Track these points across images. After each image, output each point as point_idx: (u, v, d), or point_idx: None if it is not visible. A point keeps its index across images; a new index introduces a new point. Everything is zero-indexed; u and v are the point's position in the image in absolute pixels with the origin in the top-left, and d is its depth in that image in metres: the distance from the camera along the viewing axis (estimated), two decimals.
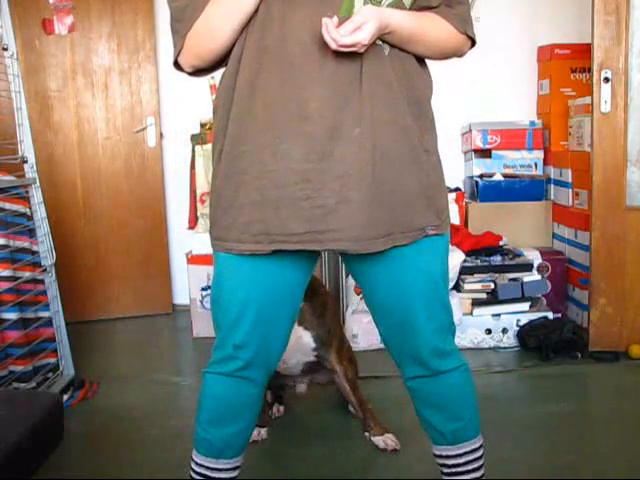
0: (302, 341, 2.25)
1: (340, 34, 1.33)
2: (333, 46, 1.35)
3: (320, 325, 2.26)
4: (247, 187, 1.45)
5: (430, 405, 1.66)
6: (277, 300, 1.55)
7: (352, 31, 1.34)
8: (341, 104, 1.40)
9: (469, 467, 1.67)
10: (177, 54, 1.51)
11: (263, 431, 2.41)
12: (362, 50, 1.37)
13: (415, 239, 1.50)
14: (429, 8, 1.51)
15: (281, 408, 2.64)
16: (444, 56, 1.58)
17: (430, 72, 1.58)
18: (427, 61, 1.58)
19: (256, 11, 1.41)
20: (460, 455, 1.67)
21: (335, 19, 1.35)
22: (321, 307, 2.29)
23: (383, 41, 1.44)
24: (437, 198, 1.54)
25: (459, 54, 1.60)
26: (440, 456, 1.70)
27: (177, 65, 1.55)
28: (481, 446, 1.69)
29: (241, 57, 1.45)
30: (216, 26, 1.44)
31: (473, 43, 1.59)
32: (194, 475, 1.68)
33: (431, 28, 1.49)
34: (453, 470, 1.68)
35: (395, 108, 1.45)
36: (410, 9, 1.47)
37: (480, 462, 1.69)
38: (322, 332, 2.27)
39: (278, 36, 1.41)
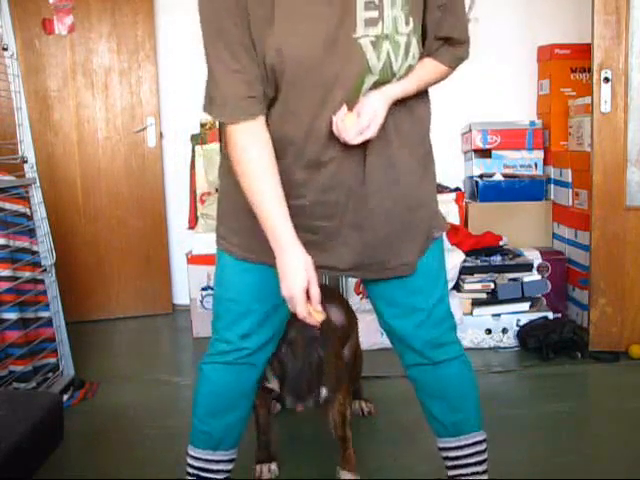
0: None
1: (350, 137, 1.39)
2: (343, 142, 1.41)
3: (334, 375, 2.02)
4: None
5: (430, 394, 1.70)
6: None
7: (361, 131, 1.39)
8: (352, 173, 1.47)
9: (471, 460, 1.69)
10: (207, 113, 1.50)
11: (274, 466, 2.23)
12: None
13: (425, 252, 1.60)
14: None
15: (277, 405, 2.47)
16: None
17: (428, 96, 1.61)
18: None
19: (274, 102, 1.43)
20: (462, 447, 1.69)
21: (344, 108, 1.39)
22: (336, 358, 2.06)
23: None
24: (435, 209, 1.63)
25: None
26: (443, 449, 1.73)
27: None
28: (484, 440, 1.71)
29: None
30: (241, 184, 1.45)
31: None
32: (190, 470, 1.70)
33: (428, 77, 1.53)
34: (456, 463, 1.71)
35: (397, 150, 1.50)
36: None
37: (483, 456, 1.71)
38: (334, 380, 2.03)
39: (294, 129, 1.43)
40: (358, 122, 1.39)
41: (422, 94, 1.56)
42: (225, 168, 1.58)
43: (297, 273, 1.38)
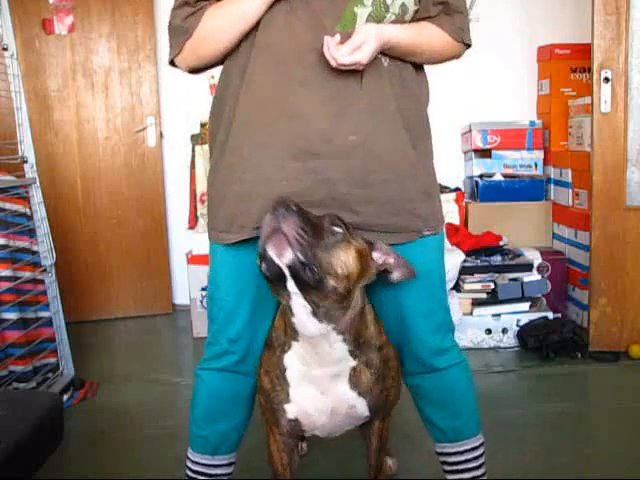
0: (355, 411, 1.56)
1: (340, 53, 1.36)
2: (333, 64, 1.38)
3: (380, 390, 1.57)
4: (238, 181, 1.49)
5: (431, 402, 1.68)
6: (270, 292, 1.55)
7: (351, 51, 1.37)
8: (338, 112, 1.43)
9: (470, 465, 1.70)
10: (174, 56, 1.54)
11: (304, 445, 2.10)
12: (361, 68, 1.41)
13: (409, 240, 1.54)
14: (428, 17, 1.53)
15: (304, 445, 2.23)
16: (440, 62, 1.62)
17: (427, 77, 1.61)
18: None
19: (260, 18, 1.44)
20: (461, 452, 1.69)
21: (337, 36, 1.38)
22: (382, 365, 1.56)
23: (382, 54, 1.46)
24: (432, 200, 1.58)
25: (455, 58, 1.64)
26: (442, 453, 1.72)
27: (172, 63, 1.58)
28: (482, 444, 1.71)
29: (247, 65, 1.46)
30: (217, 34, 1.47)
31: (468, 45, 1.62)
32: (190, 474, 1.70)
33: (429, 40, 1.52)
34: (454, 468, 1.71)
35: (390, 120, 1.48)
36: (410, 22, 1.50)
37: (481, 460, 1.71)
38: (380, 399, 1.58)
39: (280, 45, 1.43)
40: (350, 41, 1.38)
41: (420, 73, 1.57)
42: (214, 161, 1.58)
43: None
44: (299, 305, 1.35)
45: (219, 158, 1.54)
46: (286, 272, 1.29)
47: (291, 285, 1.32)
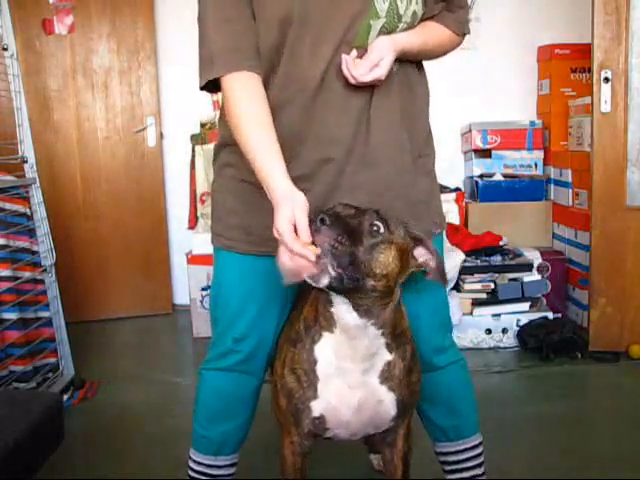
0: (382, 407, 1.50)
1: (360, 72, 1.38)
2: (353, 82, 1.40)
3: (407, 384, 1.52)
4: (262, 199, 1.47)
5: (432, 401, 1.69)
6: (278, 292, 1.56)
7: (370, 68, 1.39)
8: (354, 129, 1.46)
9: (470, 464, 1.71)
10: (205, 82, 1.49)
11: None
12: (379, 83, 1.43)
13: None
14: (431, 16, 1.55)
15: None
16: (441, 56, 1.64)
17: (427, 79, 1.63)
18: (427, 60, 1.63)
19: (284, 42, 1.42)
20: (461, 451, 1.70)
21: (354, 52, 1.40)
22: (411, 358, 1.52)
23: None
24: (436, 200, 1.62)
25: (454, 49, 1.66)
26: (442, 453, 1.73)
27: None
28: (481, 443, 1.72)
29: (269, 84, 1.46)
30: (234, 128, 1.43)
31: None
32: (192, 474, 1.70)
33: (434, 39, 1.55)
34: (455, 467, 1.71)
35: (395, 125, 1.51)
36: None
37: (480, 459, 1.72)
38: (407, 394, 1.53)
39: (304, 73, 1.43)
40: (368, 58, 1.40)
41: (421, 72, 1.58)
42: (219, 166, 1.59)
43: (283, 206, 1.29)
44: (339, 302, 1.35)
45: (232, 167, 1.53)
46: (324, 288, 1.30)
47: (331, 292, 1.34)
